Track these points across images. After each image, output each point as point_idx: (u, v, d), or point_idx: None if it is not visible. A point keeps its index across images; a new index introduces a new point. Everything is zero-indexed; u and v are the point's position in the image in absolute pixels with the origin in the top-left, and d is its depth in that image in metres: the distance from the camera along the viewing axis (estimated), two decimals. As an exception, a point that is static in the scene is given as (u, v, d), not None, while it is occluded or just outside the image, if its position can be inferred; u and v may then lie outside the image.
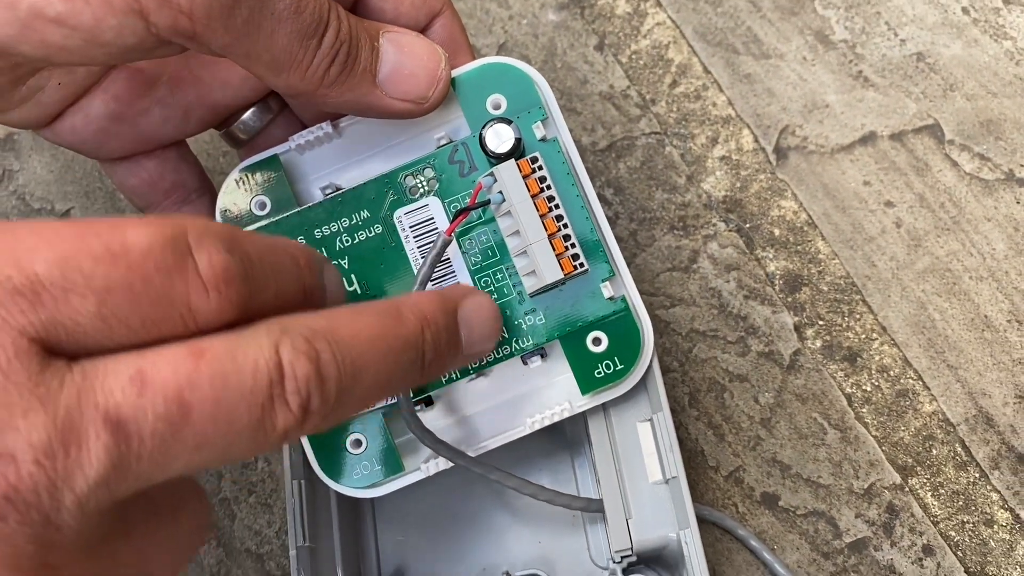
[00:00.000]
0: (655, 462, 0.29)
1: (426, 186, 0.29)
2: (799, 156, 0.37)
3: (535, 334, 0.28)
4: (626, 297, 0.28)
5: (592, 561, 0.31)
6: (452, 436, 0.28)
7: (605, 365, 0.28)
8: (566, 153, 0.29)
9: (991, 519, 0.32)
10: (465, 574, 0.32)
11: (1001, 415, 0.33)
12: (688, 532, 0.28)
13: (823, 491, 0.33)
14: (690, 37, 0.39)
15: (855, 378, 0.34)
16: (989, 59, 0.38)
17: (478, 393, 0.29)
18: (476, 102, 0.29)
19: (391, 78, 0.26)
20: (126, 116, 0.28)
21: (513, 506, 0.32)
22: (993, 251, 0.35)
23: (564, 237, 0.27)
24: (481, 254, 0.29)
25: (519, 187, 0.27)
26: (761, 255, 0.36)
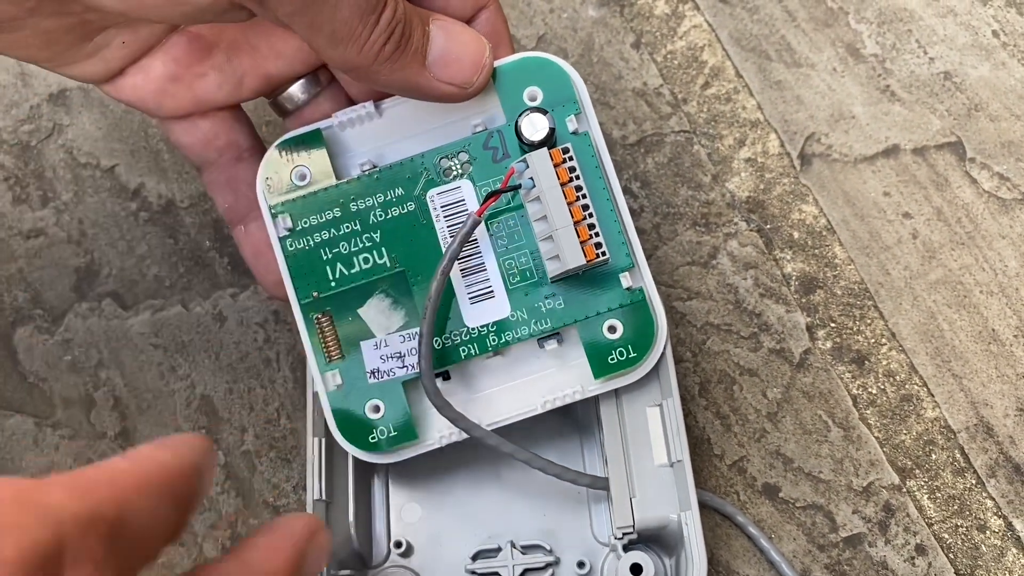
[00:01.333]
0: (662, 445, 0.31)
1: (460, 169, 0.30)
2: (823, 163, 0.38)
3: (553, 317, 0.30)
4: (643, 289, 0.30)
5: (594, 537, 0.33)
6: (466, 410, 0.30)
7: (619, 352, 0.30)
8: (596, 147, 0.30)
9: (984, 525, 0.34)
10: (471, 540, 0.33)
11: (1001, 426, 0.35)
12: (689, 514, 0.29)
13: (823, 486, 0.34)
14: (725, 41, 0.40)
15: (862, 380, 0.35)
16: (1015, 82, 0.39)
17: (494, 370, 0.31)
18: (514, 93, 0.30)
19: (439, 62, 0.28)
20: (183, 78, 0.30)
21: (521, 480, 0.34)
22: (1005, 268, 0.37)
23: (589, 226, 0.29)
24: (508, 237, 0.30)
25: (549, 174, 0.29)
26: (779, 256, 0.37)
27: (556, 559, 0.32)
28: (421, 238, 0.30)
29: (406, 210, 0.30)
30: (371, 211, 0.31)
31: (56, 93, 0.42)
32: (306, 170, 0.31)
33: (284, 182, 0.31)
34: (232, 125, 0.31)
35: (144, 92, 0.30)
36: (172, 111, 0.31)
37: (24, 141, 0.41)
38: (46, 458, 0.37)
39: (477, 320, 0.30)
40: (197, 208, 0.40)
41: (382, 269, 0.30)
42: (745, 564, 0.34)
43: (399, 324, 0.30)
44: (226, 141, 0.31)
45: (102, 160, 0.41)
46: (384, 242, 0.30)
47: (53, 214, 0.40)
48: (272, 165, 0.31)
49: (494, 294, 0.30)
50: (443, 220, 0.30)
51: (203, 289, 0.38)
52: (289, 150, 0.31)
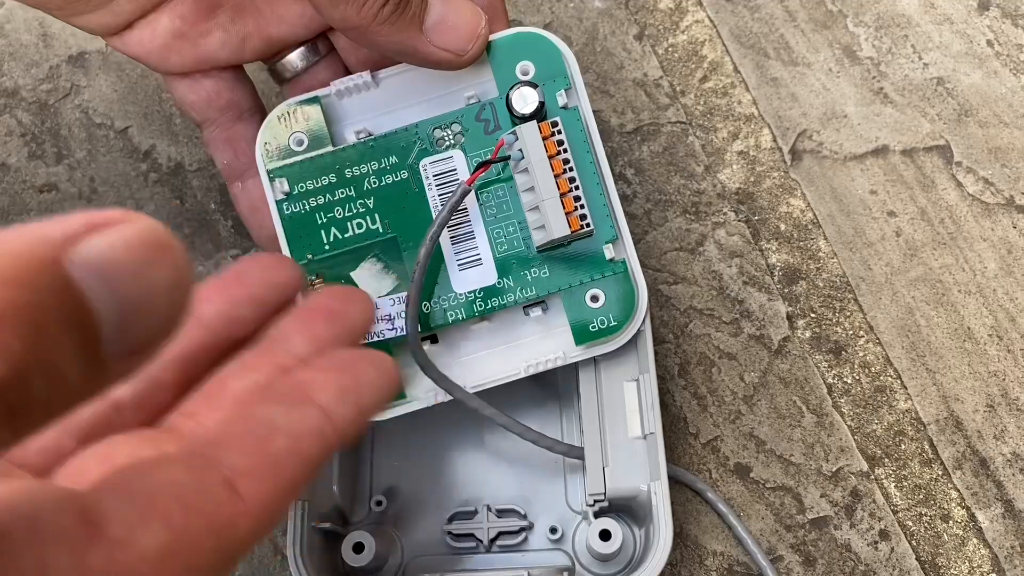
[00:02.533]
0: (636, 418, 0.32)
1: (452, 140, 0.32)
2: (813, 159, 0.40)
3: (538, 286, 0.31)
4: (626, 261, 0.31)
5: (568, 506, 0.34)
6: (451, 373, 0.31)
7: (600, 321, 0.31)
8: (585, 122, 0.31)
9: (948, 515, 0.35)
10: (449, 502, 0.34)
11: (970, 420, 0.36)
12: (658, 484, 0.30)
13: (793, 469, 0.35)
14: (725, 37, 0.42)
15: (837, 370, 0.37)
16: (1006, 91, 0.40)
17: (480, 335, 0.32)
18: (507, 66, 0.32)
19: (436, 28, 0.29)
20: (188, 35, 0.31)
21: (500, 447, 0.35)
22: (984, 269, 0.38)
23: (575, 198, 0.30)
24: (497, 207, 0.31)
25: (538, 147, 0.30)
26: (765, 246, 0.39)
27: (530, 524, 0.33)
28: (413, 205, 0.32)
29: (399, 178, 0.32)
30: (365, 178, 0.32)
31: (75, 55, 0.44)
32: (303, 136, 0.32)
33: (282, 147, 0.32)
34: (234, 85, 0.33)
35: (150, 47, 0.31)
36: (176, 67, 0.32)
37: (42, 100, 0.43)
38: (46, 403, 0.38)
39: (465, 286, 0.31)
40: (204, 172, 0.41)
41: (375, 234, 0.32)
42: (713, 540, 0.35)
43: (389, 288, 0.31)
44: (227, 100, 0.33)
45: (116, 121, 0.42)
46: (377, 208, 0.32)
47: (66, 171, 0.42)
48: (271, 130, 0.32)
49: (482, 261, 0.31)
50: (435, 188, 0.32)
51: (206, 250, 0.40)
52: (288, 116, 0.32)
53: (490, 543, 0.33)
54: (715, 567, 0.34)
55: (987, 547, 0.34)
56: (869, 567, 0.34)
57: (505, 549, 0.33)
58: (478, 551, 0.33)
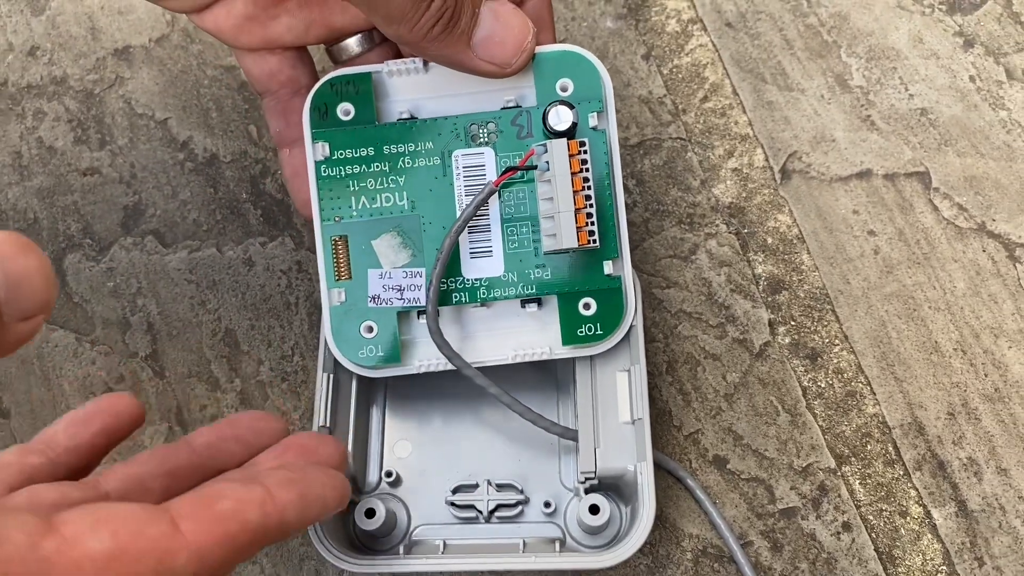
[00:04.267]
0: (626, 405, 0.35)
1: (486, 137, 0.35)
2: (801, 179, 0.43)
3: (539, 285, 0.35)
4: (622, 278, 0.35)
5: (561, 483, 0.37)
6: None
7: (588, 327, 0.35)
8: (609, 145, 0.34)
9: (906, 511, 0.38)
10: (453, 476, 0.38)
11: (932, 426, 0.39)
12: (644, 464, 0.34)
13: (767, 462, 0.39)
14: (726, 61, 0.45)
15: (813, 374, 0.40)
16: (984, 124, 0.44)
17: (478, 319, 0.36)
18: (548, 80, 0.34)
19: (484, 43, 0.32)
20: (259, 18, 0.34)
21: (501, 428, 0.38)
22: (954, 288, 0.41)
23: (587, 215, 0.33)
24: (514, 207, 0.35)
25: (564, 163, 0.33)
26: (752, 257, 0.42)
27: (526, 498, 0.37)
28: (439, 191, 0.35)
29: (431, 163, 0.35)
30: (401, 157, 0.35)
31: (121, 48, 0.47)
32: (351, 107, 0.35)
33: (329, 113, 0.35)
34: (295, 64, 0.36)
35: (224, 25, 0.34)
36: (246, 44, 0.35)
37: (88, 89, 0.47)
38: (83, 370, 0.42)
39: (473, 273, 0.35)
40: (237, 164, 0.45)
41: (400, 210, 0.35)
42: (690, 523, 0.38)
43: (404, 261, 0.35)
44: (288, 76, 0.36)
45: (157, 112, 0.46)
46: (406, 187, 0.35)
47: (109, 156, 0.45)
48: (322, 95, 0.35)
49: (492, 254, 0.35)
50: (462, 179, 0.35)
51: (236, 236, 0.44)
52: (340, 85, 0.35)
53: (489, 514, 0.36)
54: (690, 548, 0.38)
55: (940, 542, 0.38)
56: (831, 555, 0.38)
57: (503, 520, 0.36)
58: (478, 521, 0.36)
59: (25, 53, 0.48)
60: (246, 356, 0.42)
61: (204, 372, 0.41)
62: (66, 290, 0.43)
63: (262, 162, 0.45)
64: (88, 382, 0.42)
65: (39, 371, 0.42)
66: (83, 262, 0.44)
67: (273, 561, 0.38)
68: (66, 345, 0.42)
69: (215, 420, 0.39)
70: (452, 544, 0.36)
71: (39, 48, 0.48)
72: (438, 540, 0.36)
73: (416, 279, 0.34)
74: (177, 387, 0.41)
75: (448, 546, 0.35)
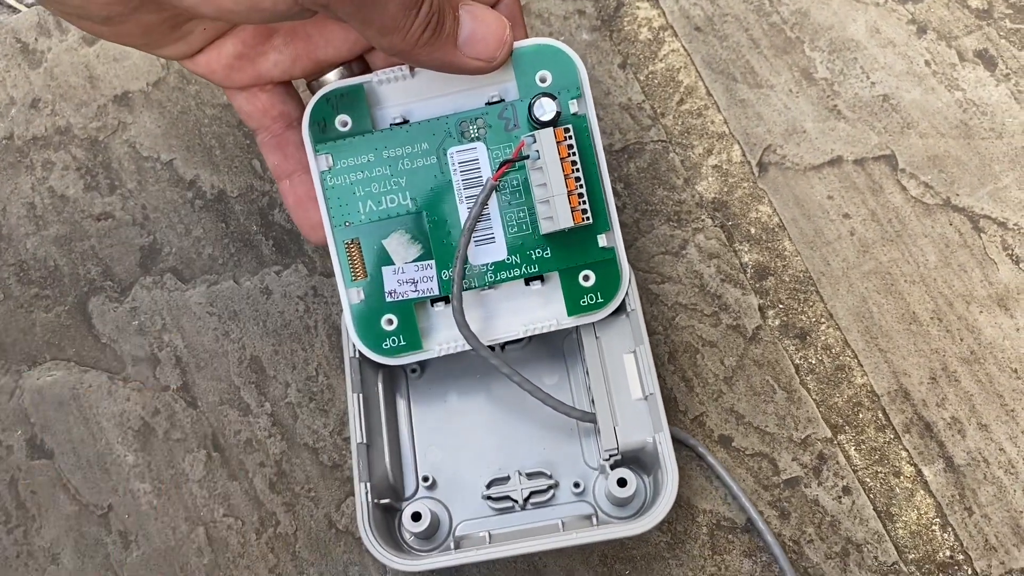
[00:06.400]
0: (637, 383, 0.39)
1: (477, 133, 0.38)
2: (777, 170, 0.47)
3: (541, 264, 0.38)
4: (615, 249, 0.38)
5: (586, 463, 0.41)
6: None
7: (590, 297, 0.38)
8: (591, 128, 0.38)
9: (899, 471, 0.42)
10: (485, 472, 0.41)
11: (916, 391, 0.43)
12: (662, 435, 0.37)
13: (768, 438, 0.43)
14: (698, 64, 0.49)
15: (803, 352, 0.44)
16: (942, 105, 0.47)
17: (487, 301, 0.39)
18: (527, 73, 0.37)
19: (468, 42, 0.35)
20: (249, 56, 0.37)
21: (522, 420, 0.41)
22: (926, 261, 0.45)
23: (579, 195, 0.36)
24: (511, 196, 0.38)
25: (552, 150, 0.36)
26: (738, 248, 0.46)
27: (556, 482, 0.40)
28: (439, 187, 0.38)
29: (428, 162, 0.38)
30: (400, 159, 0.38)
31: (120, 95, 0.50)
32: (348, 118, 0.38)
33: (328, 126, 0.38)
34: (284, 98, 0.39)
35: (216, 67, 0.37)
36: (238, 83, 0.38)
37: (93, 136, 0.49)
38: (119, 406, 0.45)
39: (479, 259, 0.38)
40: (245, 198, 0.48)
41: (404, 209, 0.38)
42: (704, 500, 0.42)
43: (415, 256, 0.38)
44: (280, 111, 0.39)
45: (161, 154, 0.49)
46: (408, 187, 0.38)
47: (120, 200, 0.48)
48: (320, 110, 0.38)
49: (495, 239, 0.38)
50: (459, 174, 0.38)
51: (251, 267, 0.46)
52: (335, 99, 0.38)
53: (524, 502, 0.40)
54: (705, 523, 0.42)
55: (932, 497, 0.41)
56: (834, 518, 0.41)
57: (538, 506, 0.40)
58: (515, 510, 0.40)
59: (27, 106, 0.50)
60: (273, 380, 0.45)
61: (235, 399, 0.44)
62: (93, 332, 0.46)
63: (268, 194, 0.48)
64: (124, 418, 0.44)
65: (77, 411, 0.45)
66: (107, 304, 0.46)
67: (319, 569, 0.42)
68: (100, 385, 0.45)
69: (250, 444, 0.42)
70: (496, 534, 0.39)
71: (40, 100, 0.50)
72: (482, 532, 0.39)
73: (427, 271, 0.38)
74: (211, 415, 0.44)
75: (493, 536, 0.39)
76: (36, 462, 0.44)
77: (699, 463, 0.42)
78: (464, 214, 0.37)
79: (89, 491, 0.43)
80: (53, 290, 0.47)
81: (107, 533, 0.43)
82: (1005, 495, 0.41)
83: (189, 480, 0.43)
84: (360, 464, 0.38)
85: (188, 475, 0.43)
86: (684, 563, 0.41)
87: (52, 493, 0.44)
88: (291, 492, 0.43)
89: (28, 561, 0.43)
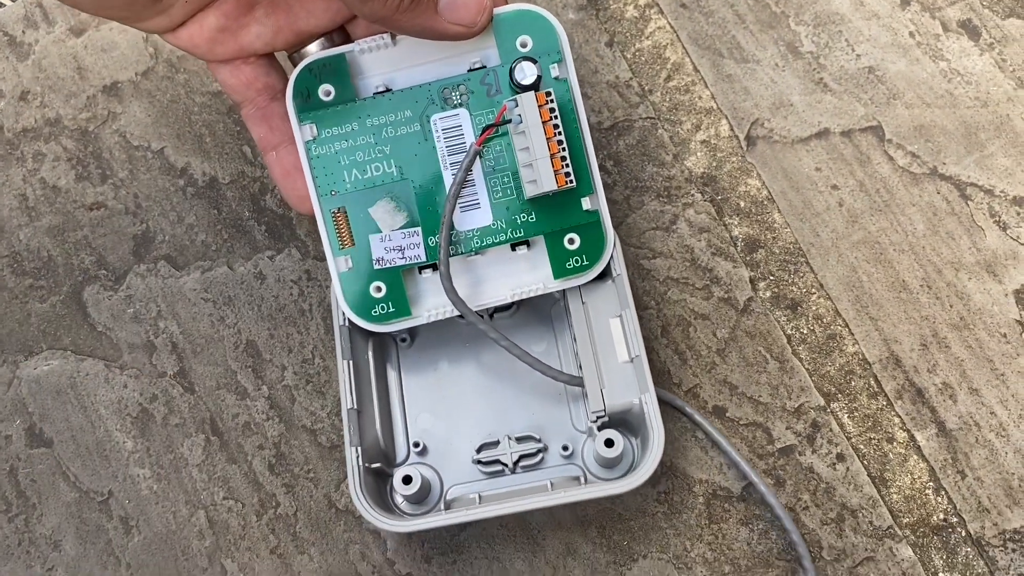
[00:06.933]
0: (623, 346, 0.39)
1: (459, 99, 0.39)
2: (765, 144, 0.47)
3: (526, 228, 0.38)
4: (599, 211, 0.38)
5: (574, 427, 0.41)
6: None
7: (575, 259, 0.39)
8: (572, 92, 0.38)
9: (892, 437, 0.43)
10: (475, 437, 0.41)
11: (908, 358, 0.44)
12: (648, 395, 0.38)
13: (762, 407, 0.43)
14: (685, 41, 0.49)
15: (795, 322, 0.44)
16: (927, 76, 0.48)
17: (474, 267, 0.40)
18: (508, 38, 0.38)
19: (449, 7, 0.35)
20: (230, 29, 0.38)
21: (510, 386, 0.42)
22: (915, 230, 0.46)
23: (561, 158, 0.37)
24: (494, 161, 0.38)
25: (534, 114, 0.37)
26: (728, 221, 0.46)
27: (545, 446, 0.41)
28: (423, 154, 0.38)
29: (412, 130, 0.39)
30: (383, 128, 0.38)
31: (109, 85, 0.50)
32: (331, 88, 0.38)
33: (312, 96, 0.38)
34: (268, 71, 0.39)
35: (199, 40, 0.38)
36: (220, 56, 0.38)
37: (83, 127, 0.50)
38: (116, 393, 0.45)
39: (465, 225, 0.38)
40: (236, 184, 0.48)
41: (390, 177, 0.38)
42: (699, 470, 0.42)
43: (401, 223, 0.38)
44: (263, 84, 0.39)
45: (152, 143, 0.49)
46: (393, 154, 0.38)
47: (111, 189, 0.48)
48: (303, 80, 0.38)
49: (480, 205, 0.38)
50: (443, 141, 0.38)
51: (244, 252, 0.47)
52: (317, 68, 0.38)
53: (514, 465, 0.40)
54: (701, 492, 0.42)
55: (925, 461, 0.42)
56: (829, 484, 0.42)
57: (527, 469, 0.40)
58: (505, 474, 0.40)
59: (16, 98, 0.50)
60: (269, 364, 0.45)
61: (232, 383, 0.45)
62: (89, 321, 0.46)
63: (259, 180, 0.48)
64: (123, 404, 0.45)
65: (75, 400, 0.45)
66: (101, 292, 0.47)
67: (320, 548, 0.42)
68: (96, 373, 0.45)
69: (248, 427, 0.43)
70: (486, 495, 0.39)
71: (29, 92, 0.51)
72: (472, 494, 0.40)
73: (414, 238, 0.38)
74: (208, 400, 0.44)
75: (483, 497, 0.39)
76: (35, 451, 0.44)
77: (694, 434, 0.43)
78: (449, 180, 0.38)
79: (89, 478, 0.44)
80: (47, 280, 0.47)
81: (108, 519, 0.43)
82: (997, 458, 0.42)
83: (188, 464, 0.44)
84: (351, 429, 0.38)
85: (187, 459, 0.44)
86: (681, 532, 0.41)
87: (52, 481, 0.44)
88: (290, 474, 0.43)
89: (30, 549, 0.43)
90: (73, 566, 0.43)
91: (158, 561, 0.42)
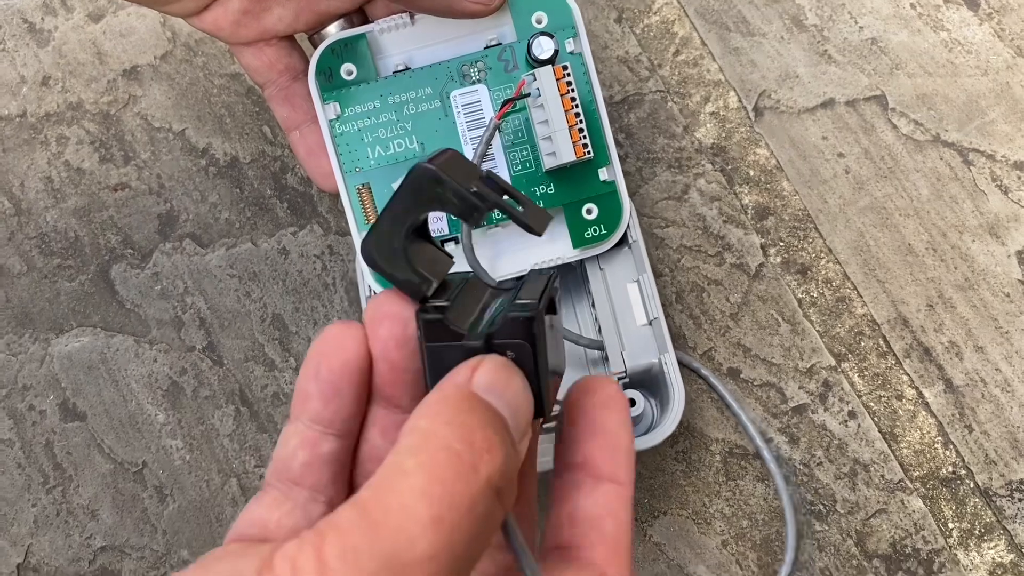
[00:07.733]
0: (641, 309, 0.41)
1: (477, 76, 0.40)
2: (773, 115, 0.49)
3: (545, 200, 0.40)
4: (615, 182, 0.40)
5: None
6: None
7: (593, 229, 0.40)
8: (587, 66, 0.40)
9: (901, 395, 0.44)
10: None
11: (915, 318, 0.45)
12: (667, 355, 0.39)
13: (775, 368, 0.45)
14: (692, 16, 0.51)
15: (805, 286, 0.46)
16: (928, 46, 0.50)
17: (495, 239, 0.41)
18: (523, 15, 0.39)
19: None
20: (254, 12, 0.39)
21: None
22: (919, 195, 0.47)
23: (579, 130, 0.38)
24: (513, 135, 0.40)
25: (552, 87, 0.38)
26: (738, 190, 0.48)
27: (567, 410, 0.42)
28: (445, 130, 0.40)
29: (433, 106, 0.40)
30: (404, 105, 0.40)
31: (129, 69, 0.52)
32: (353, 67, 0.40)
33: (334, 75, 0.40)
34: (289, 51, 0.40)
35: (223, 23, 0.39)
36: (244, 38, 0.39)
37: (104, 110, 0.51)
38: (146, 368, 0.46)
39: None
40: (257, 163, 0.49)
41: (412, 153, 0.40)
42: (716, 429, 0.44)
43: None
44: (286, 64, 0.40)
45: (173, 124, 0.50)
46: (414, 131, 0.40)
47: (135, 170, 0.50)
48: (325, 60, 0.39)
49: None
50: (463, 116, 0.40)
51: (268, 229, 0.48)
52: (339, 48, 0.39)
53: (540, 428, 0.41)
54: (718, 451, 0.44)
55: (933, 417, 0.44)
56: (841, 441, 0.44)
57: (548, 431, 0.42)
58: None
59: (38, 84, 0.52)
60: (295, 336, 0.46)
61: (259, 355, 0.46)
62: (117, 298, 0.48)
63: (280, 159, 0.49)
64: (153, 378, 0.46)
65: (106, 375, 0.46)
66: (128, 271, 0.48)
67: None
68: (126, 348, 0.47)
69: (277, 398, 0.44)
70: None
71: (51, 77, 0.52)
72: None
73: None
74: (237, 372, 0.46)
75: None
76: (70, 424, 0.46)
77: (710, 395, 0.44)
78: (469, 155, 0.39)
79: (123, 449, 0.45)
80: (75, 260, 0.49)
81: (143, 488, 0.45)
82: (1003, 412, 0.43)
83: (220, 435, 0.45)
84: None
85: (218, 430, 0.45)
86: (700, 489, 0.43)
87: (87, 453, 0.45)
88: (319, 441, 0.45)
89: (68, 519, 0.45)
90: (111, 534, 0.44)
91: (193, 528, 0.44)
